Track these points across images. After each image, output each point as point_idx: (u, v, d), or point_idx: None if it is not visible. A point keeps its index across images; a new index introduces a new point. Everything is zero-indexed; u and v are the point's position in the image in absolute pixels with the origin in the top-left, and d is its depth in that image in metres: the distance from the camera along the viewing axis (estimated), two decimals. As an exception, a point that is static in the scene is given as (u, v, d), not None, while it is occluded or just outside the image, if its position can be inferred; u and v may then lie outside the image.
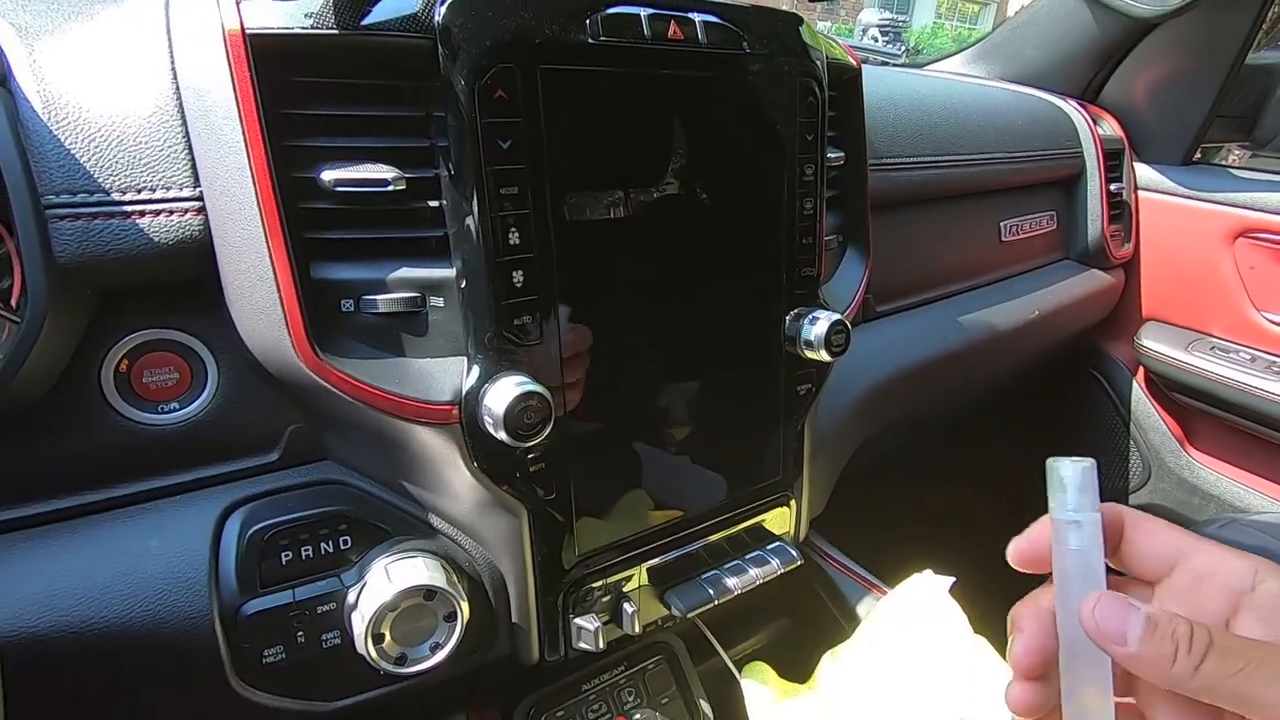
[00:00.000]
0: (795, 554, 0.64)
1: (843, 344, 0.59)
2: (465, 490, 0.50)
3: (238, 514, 0.48)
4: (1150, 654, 0.28)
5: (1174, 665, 0.27)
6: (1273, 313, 1.16)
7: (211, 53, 0.42)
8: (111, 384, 0.46)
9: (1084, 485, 0.30)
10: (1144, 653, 0.28)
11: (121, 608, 0.44)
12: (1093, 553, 0.30)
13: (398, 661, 0.48)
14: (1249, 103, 1.31)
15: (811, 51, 0.57)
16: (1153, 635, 0.28)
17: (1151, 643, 0.28)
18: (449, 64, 0.42)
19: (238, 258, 0.44)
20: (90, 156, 0.43)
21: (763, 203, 0.57)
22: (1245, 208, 1.15)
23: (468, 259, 0.45)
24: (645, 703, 0.67)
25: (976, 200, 1.02)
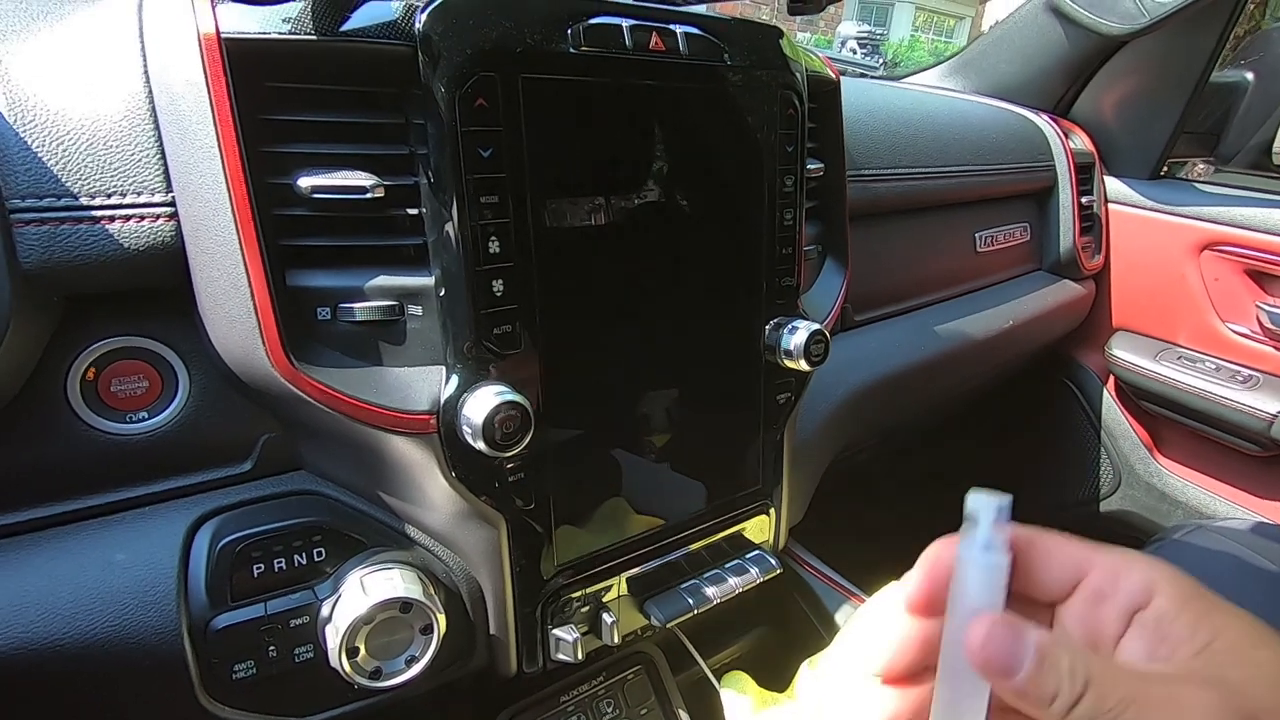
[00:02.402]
0: (774, 562, 0.65)
1: (822, 353, 0.60)
2: (443, 501, 0.49)
3: (208, 526, 0.47)
4: (1036, 689, 0.25)
5: (1053, 703, 0.25)
6: (1236, 323, 1.19)
7: (186, 56, 0.41)
8: (78, 393, 0.45)
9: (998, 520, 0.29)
10: (1029, 688, 0.25)
11: (86, 624, 0.43)
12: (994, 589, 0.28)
13: (372, 675, 0.47)
14: (1213, 119, 1.35)
15: (792, 64, 0.58)
16: (1040, 668, 0.25)
17: (1039, 676, 0.25)
18: (429, 72, 0.42)
19: (211, 265, 0.43)
20: (58, 160, 0.42)
21: (743, 213, 0.57)
22: (1210, 221, 1.18)
23: (447, 267, 0.45)
24: (624, 713, 0.67)
25: (952, 211, 1.04)
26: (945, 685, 0.29)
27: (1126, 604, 0.28)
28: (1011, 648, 0.26)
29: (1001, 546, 0.28)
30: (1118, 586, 0.28)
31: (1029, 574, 0.30)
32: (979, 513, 0.29)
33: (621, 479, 0.56)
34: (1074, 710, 0.25)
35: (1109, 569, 0.29)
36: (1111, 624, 0.28)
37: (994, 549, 0.28)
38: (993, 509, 0.29)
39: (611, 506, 0.56)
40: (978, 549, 0.28)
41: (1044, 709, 0.25)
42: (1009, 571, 0.28)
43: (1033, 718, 0.27)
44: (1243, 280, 1.18)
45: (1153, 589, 0.28)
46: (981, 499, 0.29)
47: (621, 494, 0.56)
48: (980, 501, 0.29)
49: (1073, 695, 0.25)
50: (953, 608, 0.29)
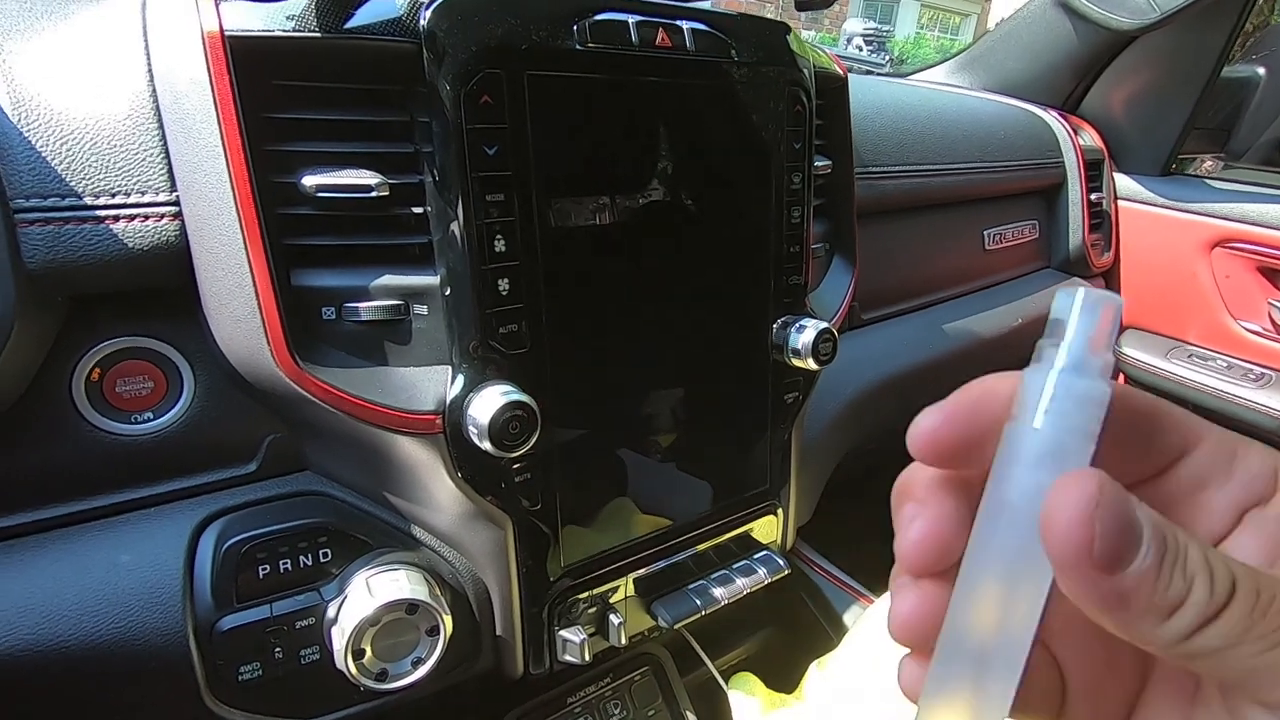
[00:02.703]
0: (782, 563, 0.64)
1: (830, 352, 0.59)
2: (449, 501, 0.49)
3: (214, 527, 0.47)
4: (1147, 596, 0.16)
5: (1172, 616, 0.17)
6: (1248, 321, 1.18)
7: (190, 55, 0.41)
8: (83, 393, 0.45)
9: (1097, 333, 0.18)
10: (1140, 592, 0.16)
11: (91, 625, 0.42)
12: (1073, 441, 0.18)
13: (378, 677, 0.47)
14: (1224, 115, 1.33)
15: (799, 60, 0.57)
16: (1161, 559, 0.17)
17: (1158, 576, 0.16)
18: (434, 69, 0.42)
19: (215, 264, 0.43)
20: (62, 160, 0.41)
21: (750, 210, 0.57)
22: (1221, 218, 1.17)
23: (452, 266, 0.44)
24: (632, 715, 0.66)
25: (960, 209, 1.03)
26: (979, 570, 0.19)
27: (1241, 495, 0.20)
28: (1124, 523, 0.16)
29: (1100, 371, 0.18)
30: (1232, 471, 0.20)
31: (1121, 441, 0.20)
32: (1068, 317, 0.18)
33: (628, 479, 0.56)
34: (1207, 629, 0.16)
35: (1223, 446, 0.20)
36: (1216, 517, 0.20)
37: (1089, 372, 0.18)
38: (1094, 311, 0.18)
39: (618, 507, 0.56)
40: (1064, 370, 0.18)
41: (1155, 625, 0.17)
42: (1105, 411, 0.18)
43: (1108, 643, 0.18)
44: (1255, 277, 1.17)
45: (1277, 477, 0.20)
46: (1079, 295, 0.18)
47: (628, 494, 0.56)
48: (1072, 300, 0.18)
49: (1212, 606, 0.16)
50: (1007, 456, 0.18)
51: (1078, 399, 0.18)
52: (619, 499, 0.56)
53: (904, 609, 0.21)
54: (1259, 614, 0.16)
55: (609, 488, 0.55)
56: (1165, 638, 0.17)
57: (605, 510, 0.55)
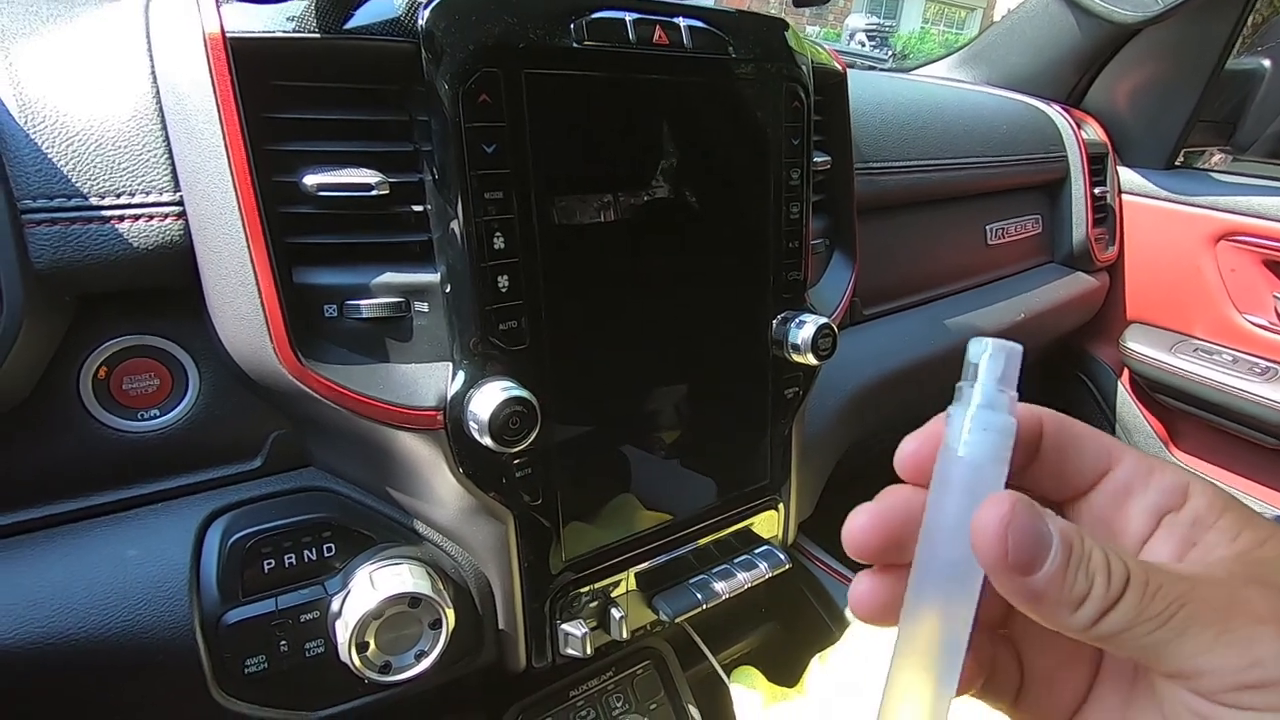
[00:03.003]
0: (783, 557, 0.64)
1: (829, 347, 0.59)
2: (450, 496, 0.49)
3: (219, 522, 0.48)
4: (1057, 591, 0.20)
5: (1080, 608, 0.20)
6: (1254, 315, 1.17)
7: (191, 56, 0.41)
8: (90, 391, 0.45)
9: (1003, 374, 0.22)
10: (1049, 589, 0.20)
11: (100, 619, 0.43)
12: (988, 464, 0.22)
13: (382, 670, 0.48)
14: (1230, 107, 1.33)
15: (797, 56, 0.57)
16: (1068, 562, 0.20)
17: (1065, 575, 0.20)
18: (432, 68, 0.42)
19: (219, 263, 0.43)
20: (68, 161, 0.42)
21: (749, 206, 0.57)
22: (1226, 211, 1.16)
23: (452, 264, 0.45)
24: (634, 708, 0.67)
25: (962, 204, 1.03)
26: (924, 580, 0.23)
27: (1157, 503, 0.23)
28: (1034, 534, 0.20)
29: (1007, 405, 0.22)
30: (1149, 483, 0.24)
31: (1051, 462, 0.25)
32: (980, 361, 0.22)
33: (629, 474, 0.56)
34: (1108, 616, 0.20)
35: (1140, 465, 0.24)
36: (1137, 522, 0.24)
37: (998, 408, 0.22)
38: (1000, 357, 0.22)
39: (619, 502, 0.56)
40: (977, 407, 0.22)
41: (1067, 615, 0.20)
42: (1014, 439, 0.22)
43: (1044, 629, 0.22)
44: (1260, 271, 1.16)
45: (1187, 491, 0.23)
46: (985, 344, 0.22)
47: (629, 489, 0.56)
48: (983, 347, 0.22)
49: (1109, 597, 0.20)
50: (940, 479, 0.23)
51: (991, 430, 0.22)
52: (620, 494, 0.56)
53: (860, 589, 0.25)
54: (1147, 600, 0.20)
55: (610, 483, 0.55)
56: (1077, 624, 0.21)
57: (606, 505, 0.55)
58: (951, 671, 0.22)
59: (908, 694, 0.22)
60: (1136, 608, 0.20)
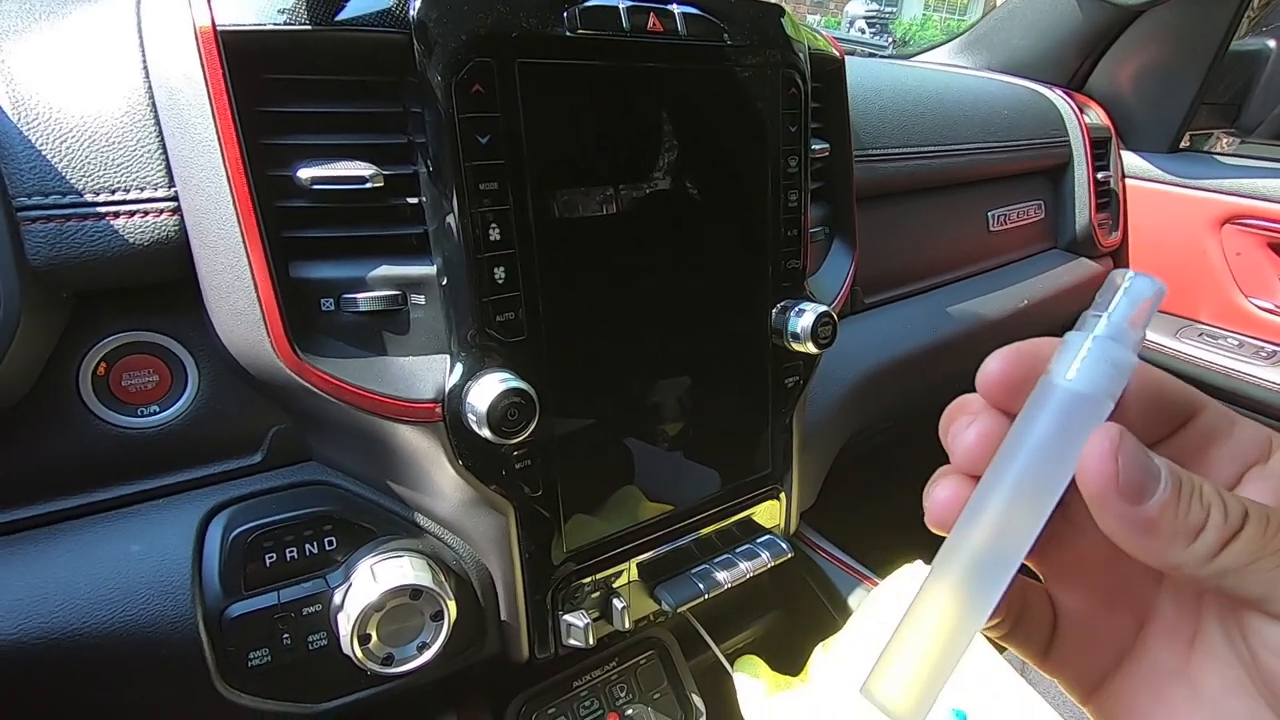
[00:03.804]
0: (785, 546, 0.64)
1: (829, 336, 0.59)
2: (450, 489, 0.49)
3: (221, 517, 0.48)
4: (1171, 523, 0.20)
5: (1195, 540, 0.19)
6: (1260, 298, 1.16)
7: (183, 50, 0.41)
8: (89, 388, 0.46)
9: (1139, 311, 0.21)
10: (1162, 519, 0.20)
11: (103, 614, 0.43)
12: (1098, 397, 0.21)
13: (385, 662, 0.48)
14: (1234, 89, 1.31)
15: (794, 43, 0.57)
16: (1178, 497, 0.20)
17: (1178, 507, 0.20)
18: (425, 59, 0.42)
19: (214, 258, 0.43)
20: (62, 157, 0.42)
21: (747, 195, 0.57)
22: (1231, 194, 1.15)
23: (448, 256, 0.45)
24: (637, 698, 0.67)
25: (964, 190, 1.02)
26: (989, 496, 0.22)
27: (1241, 453, 0.23)
28: (1144, 463, 0.20)
29: (1133, 344, 0.21)
30: (1232, 433, 0.23)
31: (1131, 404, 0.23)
32: (1118, 292, 0.21)
33: (630, 465, 0.56)
34: (1229, 547, 0.19)
35: (1223, 415, 0.23)
36: (1221, 470, 0.23)
37: (1123, 343, 0.21)
38: (1142, 292, 0.21)
39: (621, 493, 0.56)
40: (1104, 337, 0.21)
41: (1183, 546, 0.20)
42: (1128, 379, 0.21)
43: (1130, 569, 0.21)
44: (1266, 254, 1.15)
45: (1271, 445, 0.23)
46: (1128, 275, 0.21)
47: (630, 480, 0.56)
48: (1126, 277, 0.21)
49: (1229, 528, 0.19)
50: (1037, 401, 0.21)
51: (1109, 363, 0.21)
52: (621, 484, 0.56)
53: (941, 495, 0.24)
54: (1271, 534, 0.19)
55: (611, 473, 0.55)
56: (1193, 559, 0.20)
57: (607, 496, 0.55)
58: (988, 595, 0.22)
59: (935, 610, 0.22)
60: (1260, 540, 0.19)
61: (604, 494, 0.55)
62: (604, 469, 0.55)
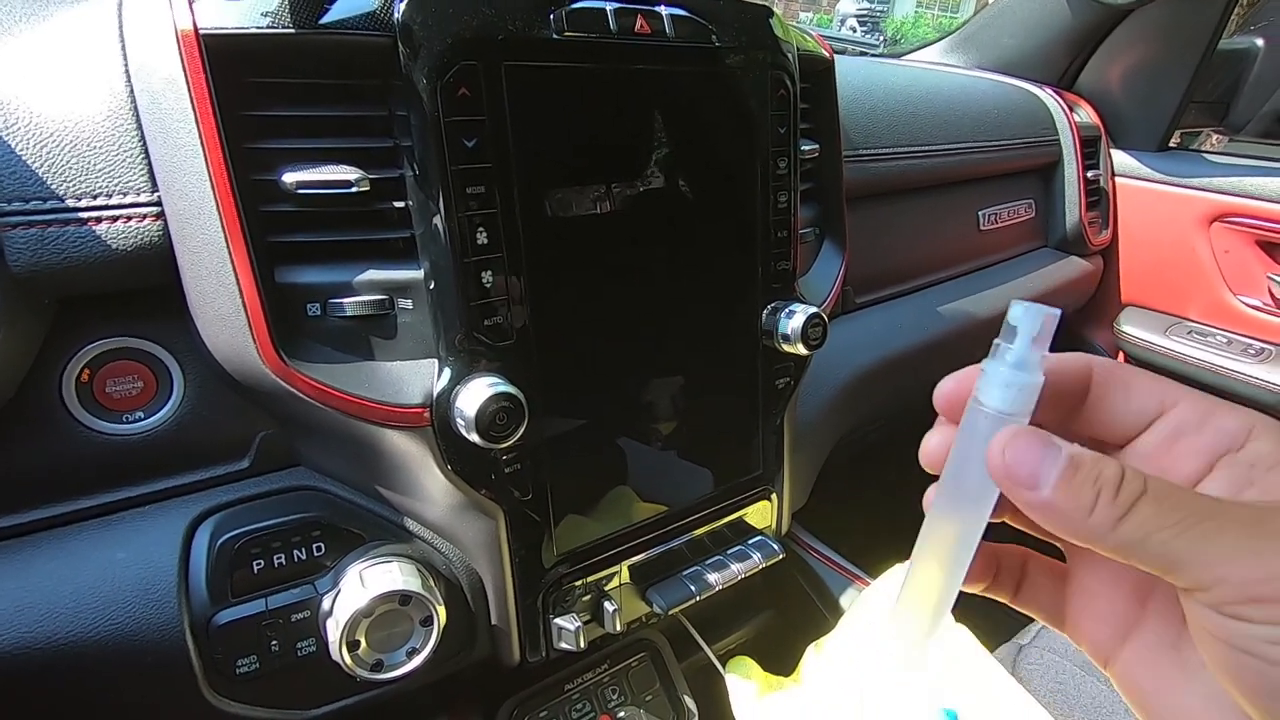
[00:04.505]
0: (777, 547, 0.64)
1: (820, 337, 0.59)
2: (439, 493, 0.49)
3: (207, 523, 0.47)
4: (1065, 502, 0.22)
5: (1091, 515, 0.22)
6: (1248, 296, 1.17)
7: (164, 54, 0.41)
8: (73, 394, 0.45)
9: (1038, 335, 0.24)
10: (1057, 499, 0.22)
11: (89, 622, 0.43)
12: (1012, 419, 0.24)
13: (374, 668, 0.48)
14: (1223, 88, 1.32)
15: (782, 44, 0.57)
16: (1072, 479, 0.22)
17: (1069, 488, 0.22)
18: (410, 62, 0.42)
19: (199, 263, 0.43)
20: (43, 163, 0.42)
21: (737, 196, 0.57)
22: (1220, 192, 1.16)
23: (435, 260, 0.45)
24: (629, 700, 0.67)
25: (954, 189, 1.03)
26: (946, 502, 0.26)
27: (1214, 443, 0.24)
28: (1038, 454, 0.22)
29: (1037, 366, 0.24)
30: (1205, 425, 0.24)
31: (1100, 406, 0.26)
32: (1019, 324, 0.24)
33: (620, 467, 0.56)
34: (1123, 523, 0.21)
35: (1199, 407, 0.24)
36: (1188, 462, 0.24)
37: (1028, 368, 0.24)
38: (1037, 319, 0.24)
39: (611, 495, 0.56)
40: (1009, 366, 0.24)
41: (1081, 522, 0.22)
42: (1038, 395, 0.24)
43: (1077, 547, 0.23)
44: (1254, 252, 1.16)
45: (1250, 432, 0.23)
46: (1024, 308, 0.24)
47: (621, 482, 0.56)
48: (1022, 311, 0.24)
49: (1117, 510, 0.21)
50: (968, 425, 0.25)
51: (1016, 388, 0.24)
52: (611, 487, 0.56)
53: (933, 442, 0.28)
54: (1166, 510, 0.21)
55: (601, 476, 0.55)
56: (1093, 533, 0.22)
57: (598, 498, 0.55)
58: (960, 568, 0.27)
59: (925, 578, 0.27)
60: (1154, 516, 0.21)
61: (595, 497, 0.55)
62: (594, 472, 0.55)
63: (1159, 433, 0.25)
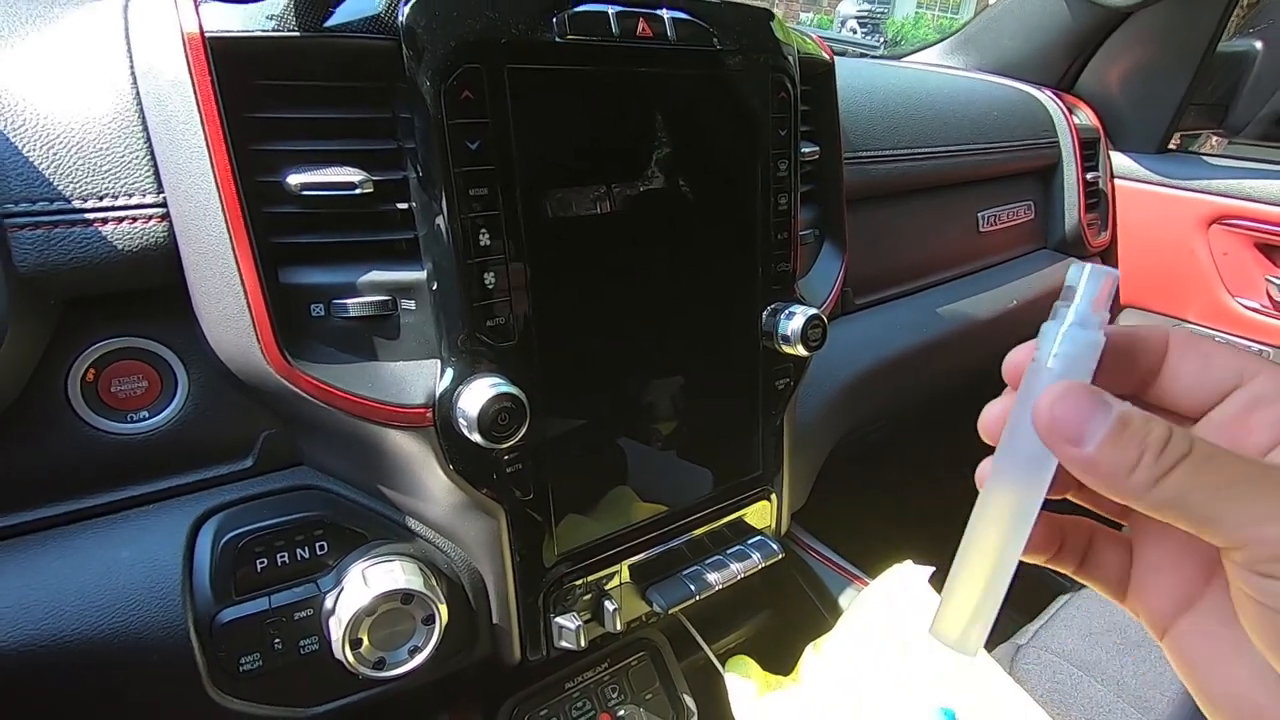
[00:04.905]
0: (776, 547, 0.65)
1: (819, 338, 0.60)
2: (441, 493, 0.50)
3: (211, 522, 0.48)
4: (1108, 459, 0.22)
5: (1133, 473, 0.22)
6: (1246, 298, 1.17)
7: (170, 57, 0.41)
8: (79, 394, 0.45)
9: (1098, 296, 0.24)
10: (1100, 457, 0.22)
11: (94, 620, 0.43)
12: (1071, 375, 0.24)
13: (376, 666, 0.48)
14: (1222, 90, 1.32)
15: (782, 46, 0.57)
16: (1119, 437, 0.22)
17: (1115, 445, 0.22)
18: (414, 65, 0.42)
19: (204, 264, 0.43)
20: (49, 164, 0.42)
21: (738, 198, 0.57)
22: (1218, 194, 1.16)
23: (438, 261, 0.45)
24: (629, 699, 0.67)
25: (954, 191, 1.03)
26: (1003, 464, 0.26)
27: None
28: (1086, 411, 0.23)
29: (1098, 324, 0.24)
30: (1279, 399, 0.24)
31: (1174, 377, 0.26)
32: (1078, 284, 0.25)
33: (621, 467, 0.56)
34: (1163, 482, 0.22)
35: (1276, 381, 0.24)
36: (1261, 433, 0.24)
37: (1089, 326, 0.24)
38: (1098, 280, 0.24)
39: (612, 495, 0.56)
40: (1069, 325, 0.24)
41: (1122, 480, 0.22)
42: (1100, 353, 0.25)
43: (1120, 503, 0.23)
44: (1253, 254, 1.16)
45: None
46: (1086, 268, 0.25)
47: (621, 482, 0.57)
48: (1082, 272, 0.25)
49: (1160, 468, 0.22)
50: (1026, 385, 0.25)
51: (1080, 346, 0.24)
52: (612, 487, 0.56)
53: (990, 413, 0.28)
54: (1205, 471, 0.21)
55: (602, 476, 0.56)
56: (1132, 490, 0.22)
57: (599, 498, 0.56)
58: (1018, 539, 0.26)
59: (977, 552, 0.26)
60: (1193, 476, 0.21)
61: (595, 496, 0.55)
62: (595, 471, 0.55)
63: (1235, 403, 0.25)
